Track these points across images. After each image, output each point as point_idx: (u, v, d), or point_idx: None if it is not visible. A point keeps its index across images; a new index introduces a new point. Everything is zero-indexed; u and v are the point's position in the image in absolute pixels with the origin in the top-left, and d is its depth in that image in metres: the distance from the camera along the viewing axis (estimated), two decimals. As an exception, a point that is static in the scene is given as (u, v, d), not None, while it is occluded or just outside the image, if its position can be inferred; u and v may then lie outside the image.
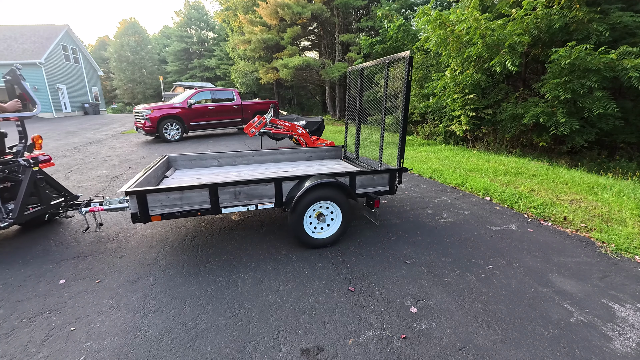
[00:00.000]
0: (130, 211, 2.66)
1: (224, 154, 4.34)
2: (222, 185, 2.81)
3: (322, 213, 3.11)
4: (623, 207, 4.05)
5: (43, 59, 20.53)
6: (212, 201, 2.83)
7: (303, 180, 3.01)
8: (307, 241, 3.08)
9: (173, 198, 2.71)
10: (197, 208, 2.82)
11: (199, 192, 2.77)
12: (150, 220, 2.70)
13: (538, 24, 7.67)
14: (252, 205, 2.96)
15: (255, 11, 18.70)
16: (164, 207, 2.72)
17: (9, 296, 2.41)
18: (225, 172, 4.00)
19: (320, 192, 2.97)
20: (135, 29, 41.66)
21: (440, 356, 1.85)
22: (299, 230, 3.01)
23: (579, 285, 2.55)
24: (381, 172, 3.37)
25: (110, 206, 3.04)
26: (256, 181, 2.90)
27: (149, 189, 2.64)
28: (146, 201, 2.65)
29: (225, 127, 11.21)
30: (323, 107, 24.19)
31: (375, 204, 3.22)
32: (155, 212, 2.70)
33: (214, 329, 2.07)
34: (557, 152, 8.79)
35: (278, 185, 2.97)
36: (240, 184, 2.86)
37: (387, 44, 13.98)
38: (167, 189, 2.69)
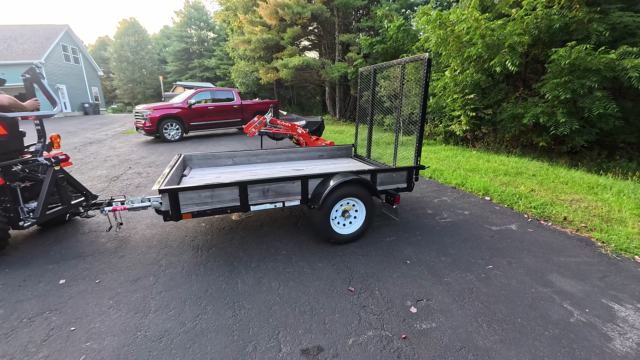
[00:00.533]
0: (162, 209, 2.69)
1: (238, 152, 4.36)
2: (252, 183, 2.86)
3: (346, 209, 3.19)
4: (623, 207, 4.05)
5: (43, 59, 20.53)
6: (241, 199, 2.87)
7: (328, 178, 3.07)
8: (333, 237, 3.15)
9: (204, 196, 2.75)
10: (226, 206, 2.86)
11: (228, 190, 2.81)
12: (181, 218, 2.73)
13: (538, 24, 7.67)
14: (279, 203, 3.00)
15: (255, 11, 18.70)
16: (195, 205, 2.75)
17: (9, 296, 2.41)
18: (243, 170, 4.03)
19: (346, 189, 3.05)
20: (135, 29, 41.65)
21: (440, 356, 1.85)
22: (326, 226, 3.08)
23: (579, 285, 2.55)
24: (400, 169, 3.47)
25: (132, 205, 3.06)
26: (284, 179, 2.95)
27: (181, 187, 2.68)
28: (178, 199, 2.68)
29: (225, 127, 11.20)
30: (323, 107, 24.19)
31: (395, 200, 3.30)
32: (186, 210, 2.74)
33: (214, 329, 2.07)
34: (557, 152, 8.79)
35: (304, 183, 3.03)
36: (269, 181, 2.91)
37: (387, 44, 13.98)
38: (199, 187, 2.71)
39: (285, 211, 4.09)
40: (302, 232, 3.50)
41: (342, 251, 3.06)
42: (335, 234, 3.15)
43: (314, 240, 3.29)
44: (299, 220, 3.82)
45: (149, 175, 5.92)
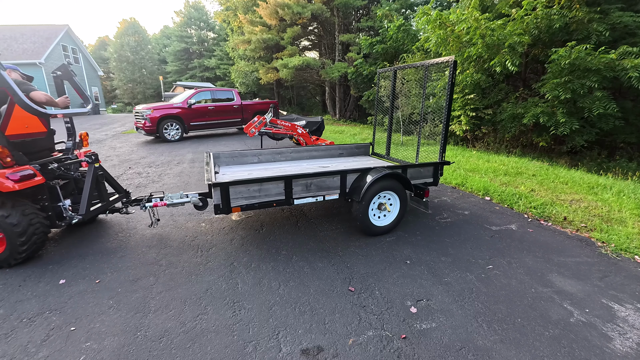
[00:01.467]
0: (214, 203, 2.77)
1: (264, 151, 4.43)
2: (296, 178, 2.98)
3: (382, 202, 3.35)
4: (623, 207, 4.05)
5: (43, 59, 20.53)
6: (286, 192, 2.99)
7: (365, 173, 3.23)
8: (370, 228, 3.30)
9: (252, 190, 2.87)
10: (272, 199, 2.97)
11: (275, 184, 2.93)
12: (231, 211, 2.83)
13: (538, 24, 7.67)
14: (320, 197, 3.14)
15: (255, 11, 18.69)
16: (244, 199, 2.87)
17: (9, 296, 2.40)
18: (271, 168, 4.08)
19: (384, 183, 3.22)
20: (135, 29, 41.62)
21: (440, 356, 1.85)
22: (365, 218, 3.23)
23: (579, 285, 2.55)
24: (427, 165, 3.66)
25: (172, 201, 3.13)
26: (324, 173, 3.11)
27: (232, 181, 2.78)
28: (228, 193, 2.77)
29: (225, 127, 11.20)
30: (323, 107, 24.19)
31: (425, 194, 3.48)
32: (235, 204, 2.84)
33: (214, 329, 2.07)
34: (557, 152, 8.79)
35: (343, 177, 3.18)
36: (311, 176, 3.05)
37: (387, 44, 13.98)
38: (248, 180, 2.83)
39: (286, 211, 4.10)
40: (302, 232, 3.50)
41: (342, 251, 3.06)
42: (372, 226, 3.30)
43: (314, 240, 3.29)
44: (299, 220, 3.82)
45: (149, 175, 5.92)
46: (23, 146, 2.88)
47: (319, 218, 3.87)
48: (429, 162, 3.69)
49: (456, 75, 8.95)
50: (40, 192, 2.90)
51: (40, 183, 2.77)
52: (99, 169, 3.22)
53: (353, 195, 3.22)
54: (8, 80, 2.50)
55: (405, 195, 3.42)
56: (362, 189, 3.11)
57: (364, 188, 3.10)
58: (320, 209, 4.19)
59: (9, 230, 2.63)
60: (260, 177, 2.88)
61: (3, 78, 2.49)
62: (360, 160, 4.64)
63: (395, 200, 3.42)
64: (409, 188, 3.44)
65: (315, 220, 3.81)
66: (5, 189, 2.55)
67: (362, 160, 4.64)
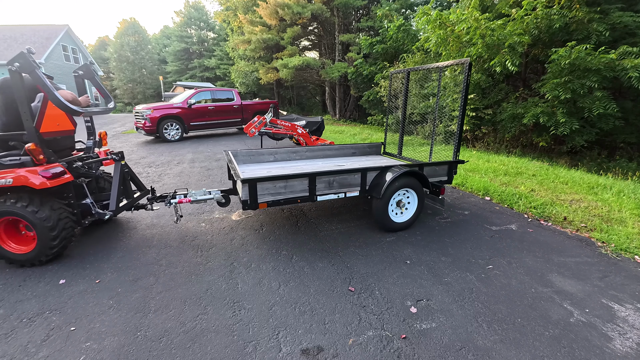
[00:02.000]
0: (242, 199, 2.84)
1: (279, 150, 4.49)
2: (320, 175, 3.07)
3: (401, 200, 3.46)
4: (623, 207, 4.05)
5: (43, 59, 20.52)
6: (310, 189, 3.06)
7: (385, 171, 3.32)
8: (389, 224, 3.40)
9: (278, 186, 2.94)
10: (297, 196, 3.04)
11: (299, 181, 3.01)
12: (257, 207, 2.89)
13: (538, 24, 7.67)
14: (341, 194, 3.21)
15: (255, 11, 18.68)
16: (270, 195, 2.94)
17: (9, 296, 2.41)
18: (288, 166, 4.15)
19: (403, 181, 3.32)
20: (135, 29, 41.61)
21: (440, 356, 1.85)
22: (384, 215, 3.32)
23: (579, 285, 2.55)
24: (442, 163, 3.75)
25: (196, 197, 3.21)
26: (346, 171, 3.19)
27: (260, 178, 2.84)
28: (256, 189, 2.84)
29: (225, 127, 11.20)
30: (323, 107, 24.18)
31: (441, 191, 3.58)
32: (262, 200, 2.91)
33: (214, 329, 2.07)
34: (557, 152, 8.79)
35: (364, 175, 3.26)
36: (334, 173, 3.14)
37: (387, 44, 13.98)
38: (275, 177, 2.90)
39: (286, 211, 4.10)
40: (302, 232, 3.50)
41: (342, 251, 3.06)
42: (391, 222, 3.40)
43: (314, 240, 3.29)
44: (299, 220, 3.82)
45: (148, 175, 5.92)
46: (51, 144, 2.91)
47: (319, 218, 3.87)
48: (444, 161, 3.78)
49: (456, 75, 8.98)
50: (66, 190, 2.93)
51: (69, 181, 2.81)
52: (125, 167, 3.27)
53: (373, 192, 3.29)
54: (43, 79, 2.53)
55: (422, 192, 3.51)
56: (382, 187, 3.19)
57: (384, 185, 3.18)
58: (320, 209, 4.19)
59: (40, 226, 2.65)
60: (287, 174, 2.95)
61: (38, 76, 2.52)
62: (373, 159, 4.70)
63: (413, 198, 3.52)
64: (426, 186, 3.54)
65: (315, 220, 3.81)
66: (38, 185, 2.58)
67: (375, 159, 4.71)
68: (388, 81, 12.24)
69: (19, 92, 2.54)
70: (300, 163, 4.36)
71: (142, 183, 3.63)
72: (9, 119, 2.78)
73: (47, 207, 2.69)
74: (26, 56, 2.48)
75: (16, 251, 2.76)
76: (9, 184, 2.55)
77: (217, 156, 7.57)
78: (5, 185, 2.55)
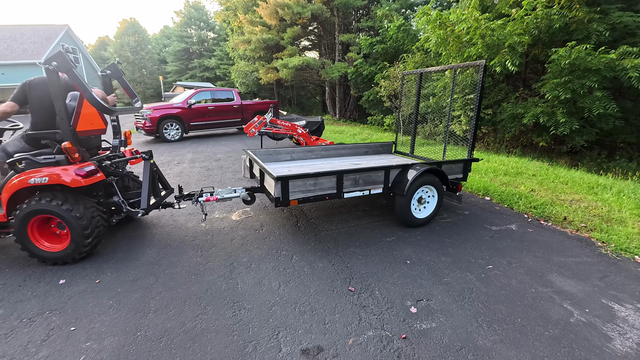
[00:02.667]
0: (274, 196, 2.91)
1: (296, 149, 4.56)
2: (347, 173, 3.16)
3: (422, 197, 3.58)
4: (623, 207, 4.05)
5: (43, 59, 20.52)
6: (337, 186, 3.15)
7: (407, 169, 3.42)
8: (411, 220, 3.52)
9: (308, 184, 3.03)
10: (325, 193, 3.13)
11: (328, 179, 3.10)
12: (289, 204, 2.96)
13: (538, 24, 7.67)
14: (366, 191, 3.32)
15: (255, 11, 18.67)
16: (301, 192, 3.02)
17: (9, 296, 2.41)
18: (306, 165, 4.21)
19: (425, 178, 3.43)
20: (135, 29, 41.62)
21: (441, 356, 1.85)
22: (407, 211, 3.44)
23: (579, 285, 2.55)
24: (458, 161, 3.87)
25: (222, 196, 3.28)
26: (371, 169, 3.29)
27: (292, 175, 2.92)
28: (288, 187, 2.91)
29: (225, 127, 11.19)
30: (323, 107, 24.17)
31: (458, 188, 3.70)
32: (293, 197, 2.99)
33: (214, 329, 2.07)
34: (557, 152, 8.79)
35: (387, 173, 3.37)
36: (359, 171, 3.22)
37: (387, 44, 13.97)
38: (306, 175, 3.00)
39: (286, 211, 4.10)
40: (302, 232, 3.50)
41: (342, 251, 3.06)
42: (413, 218, 3.51)
43: (314, 240, 3.29)
44: (299, 220, 3.82)
45: (149, 175, 5.91)
46: (82, 143, 2.93)
47: (319, 218, 3.87)
48: (460, 159, 3.89)
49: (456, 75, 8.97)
50: (96, 189, 2.95)
51: (101, 179, 2.84)
52: (153, 166, 3.30)
53: (396, 189, 3.39)
54: (80, 78, 2.56)
55: (442, 189, 3.61)
56: (406, 184, 3.29)
57: (408, 182, 3.28)
58: (320, 209, 4.19)
59: (75, 224, 2.66)
60: (316, 172, 3.04)
61: (75, 75, 2.54)
62: (386, 158, 4.78)
63: (433, 194, 3.62)
64: (445, 183, 3.64)
65: (315, 220, 3.81)
66: (74, 184, 2.59)
67: (388, 158, 4.78)
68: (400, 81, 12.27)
69: (55, 91, 2.56)
70: (317, 162, 4.41)
71: (167, 182, 3.66)
72: (39, 117, 2.80)
73: (80, 206, 2.71)
74: (64, 55, 2.51)
75: (49, 250, 2.77)
76: (44, 182, 2.57)
77: (217, 156, 7.57)
78: (41, 184, 2.57)
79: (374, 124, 14.92)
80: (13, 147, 2.83)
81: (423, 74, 4.70)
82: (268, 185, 3.23)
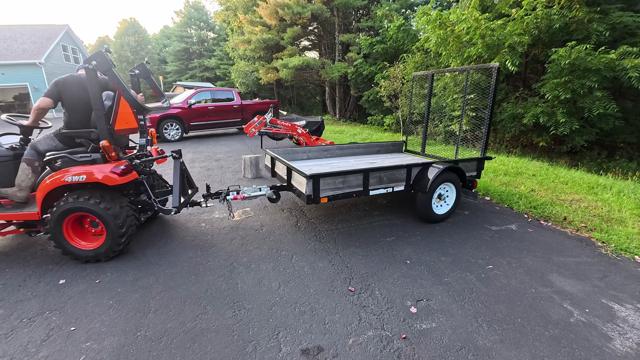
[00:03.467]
0: (306, 193, 3.00)
1: (312, 148, 4.64)
2: (373, 171, 3.26)
3: (441, 193, 3.70)
4: (623, 207, 4.05)
5: (43, 59, 20.53)
6: (364, 184, 3.24)
7: (427, 167, 3.55)
8: (432, 216, 3.64)
9: (337, 182, 3.12)
10: (353, 190, 3.22)
11: (355, 177, 3.19)
12: (319, 202, 3.05)
13: (538, 24, 7.67)
14: (389, 188, 3.42)
15: (255, 11, 18.66)
16: (330, 190, 3.10)
17: (9, 296, 2.41)
18: (325, 164, 4.29)
19: (446, 175, 3.54)
20: (135, 29, 41.63)
21: (441, 356, 1.85)
22: (428, 207, 3.57)
23: (579, 285, 2.55)
24: (472, 160, 4.00)
25: (249, 194, 3.40)
26: (394, 167, 3.41)
27: (323, 173, 3.00)
28: (319, 184, 2.99)
29: (225, 127, 11.18)
30: (323, 107, 24.17)
31: (474, 185, 3.90)
32: (323, 195, 3.07)
33: (214, 329, 2.07)
34: (557, 152, 8.79)
35: (409, 171, 3.49)
36: (383, 169, 3.33)
37: (387, 44, 13.97)
38: (335, 173, 3.09)
39: (285, 211, 4.10)
40: (302, 232, 3.50)
41: (342, 251, 3.06)
42: (434, 214, 3.64)
43: (314, 240, 3.29)
44: (299, 220, 3.82)
45: (149, 175, 5.91)
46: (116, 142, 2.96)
47: (319, 218, 3.87)
48: (474, 157, 4.04)
49: (455, 75, 8.97)
50: (128, 187, 2.99)
51: (135, 178, 2.87)
52: (182, 164, 3.33)
53: (417, 186, 3.51)
54: (118, 77, 2.59)
55: (460, 186, 3.74)
56: (428, 181, 3.41)
57: (430, 180, 3.40)
58: (320, 208, 4.19)
59: (111, 222, 2.69)
60: (345, 170, 3.13)
61: (114, 74, 2.57)
62: (399, 157, 4.89)
63: (452, 191, 3.75)
64: (463, 180, 3.76)
65: (315, 220, 3.81)
66: (111, 182, 2.63)
67: (401, 157, 4.89)
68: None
69: (94, 90, 2.58)
70: (334, 160, 4.49)
71: (193, 181, 3.69)
72: (74, 116, 2.82)
73: (117, 204, 2.74)
74: (104, 55, 2.53)
75: (84, 247, 2.80)
76: (82, 181, 2.60)
77: (217, 156, 7.57)
78: (79, 182, 2.59)
79: (374, 124, 14.92)
80: (45, 146, 2.84)
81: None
82: (297, 184, 3.28)
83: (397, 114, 12.02)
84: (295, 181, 3.36)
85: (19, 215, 2.73)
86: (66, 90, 2.74)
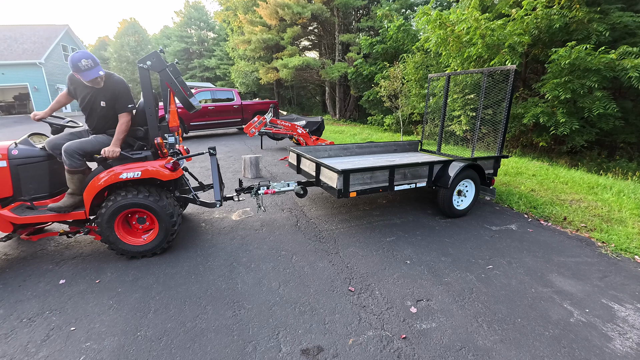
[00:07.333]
0: (336, 188, 3.15)
1: (333, 147, 4.77)
2: (398, 167, 3.41)
3: (461, 190, 3.88)
4: (623, 207, 4.05)
5: (43, 59, 20.54)
6: (390, 180, 3.38)
7: (448, 164, 3.68)
8: (453, 211, 3.79)
9: (365, 177, 3.26)
10: (379, 185, 3.36)
11: (382, 172, 3.34)
12: (349, 196, 3.19)
13: (538, 24, 7.67)
14: (413, 184, 3.57)
15: (255, 11, 18.66)
16: (359, 185, 3.25)
17: (9, 296, 2.40)
18: (346, 161, 4.38)
19: (466, 173, 3.70)
20: (135, 29, 41.59)
21: (441, 356, 1.85)
22: (450, 203, 3.71)
23: (579, 285, 2.55)
24: (490, 158, 4.13)
25: (279, 189, 3.54)
26: (418, 164, 3.55)
27: (353, 169, 3.15)
28: (349, 179, 3.14)
29: (225, 127, 11.19)
30: (323, 107, 24.17)
31: (492, 182, 4.01)
32: (353, 189, 3.22)
33: (214, 329, 2.07)
34: (557, 152, 8.79)
35: (431, 168, 3.63)
36: (407, 166, 3.49)
37: (387, 44, 13.98)
38: (364, 169, 3.22)
39: (285, 211, 4.10)
40: (302, 232, 3.50)
41: (342, 251, 3.06)
42: (455, 209, 3.79)
43: (314, 240, 3.29)
44: (299, 220, 3.82)
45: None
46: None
47: (319, 218, 3.87)
48: (491, 156, 4.16)
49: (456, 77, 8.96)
50: (170, 183, 3.05)
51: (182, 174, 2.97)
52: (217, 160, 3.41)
53: (439, 182, 3.64)
54: (172, 77, 2.66)
55: (478, 183, 3.88)
56: (450, 178, 3.54)
57: (452, 176, 3.53)
58: (320, 208, 4.19)
59: (163, 214, 2.75)
60: (372, 166, 3.28)
61: (168, 74, 2.66)
62: (416, 155, 5.01)
63: (471, 188, 3.91)
64: (482, 177, 3.90)
65: (315, 220, 3.81)
66: (166, 177, 2.73)
67: (417, 155, 5.02)
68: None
69: (147, 89, 2.67)
70: (354, 158, 4.59)
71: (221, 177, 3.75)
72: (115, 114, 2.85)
73: (164, 197, 2.79)
74: (159, 55, 2.60)
75: (135, 244, 2.83)
76: (137, 177, 2.65)
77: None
78: (134, 178, 2.64)
79: (374, 124, 14.92)
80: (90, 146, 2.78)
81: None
82: (327, 179, 3.41)
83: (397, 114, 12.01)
84: (324, 176, 3.47)
85: (64, 216, 2.71)
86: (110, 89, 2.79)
